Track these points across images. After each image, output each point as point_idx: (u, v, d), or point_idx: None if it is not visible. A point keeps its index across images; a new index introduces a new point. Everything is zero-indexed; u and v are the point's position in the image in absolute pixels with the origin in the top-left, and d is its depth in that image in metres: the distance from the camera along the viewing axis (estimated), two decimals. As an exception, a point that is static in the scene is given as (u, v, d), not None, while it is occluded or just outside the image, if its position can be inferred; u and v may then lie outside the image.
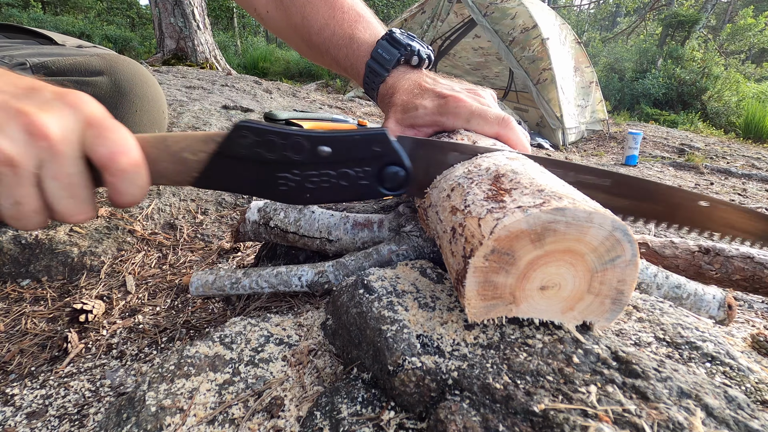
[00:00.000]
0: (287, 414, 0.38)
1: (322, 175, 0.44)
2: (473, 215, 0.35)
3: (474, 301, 0.34)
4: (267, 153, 0.42)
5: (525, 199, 0.33)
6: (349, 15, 0.65)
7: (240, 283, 0.58)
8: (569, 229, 0.31)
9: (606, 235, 0.32)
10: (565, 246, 0.32)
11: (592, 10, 20.35)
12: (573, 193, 0.34)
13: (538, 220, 0.31)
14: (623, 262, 0.33)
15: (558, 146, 3.64)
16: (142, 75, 0.88)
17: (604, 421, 0.27)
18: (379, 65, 0.60)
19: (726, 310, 0.54)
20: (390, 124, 0.58)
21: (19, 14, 9.65)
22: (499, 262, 0.32)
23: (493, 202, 0.35)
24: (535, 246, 0.32)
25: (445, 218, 0.40)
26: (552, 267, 0.33)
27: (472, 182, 0.40)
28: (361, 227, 0.61)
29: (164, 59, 4.33)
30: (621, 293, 0.34)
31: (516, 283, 0.33)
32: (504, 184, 0.37)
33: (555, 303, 0.35)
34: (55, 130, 0.33)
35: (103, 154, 0.35)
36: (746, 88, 8.02)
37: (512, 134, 0.55)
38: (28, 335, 0.67)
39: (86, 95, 0.37)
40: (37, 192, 0.34)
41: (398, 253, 0.54)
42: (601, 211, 0.31)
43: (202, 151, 0.41)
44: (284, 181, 0.43)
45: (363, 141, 0.44)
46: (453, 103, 0.55)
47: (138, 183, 0.38)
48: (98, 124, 0.36)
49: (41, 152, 0.33)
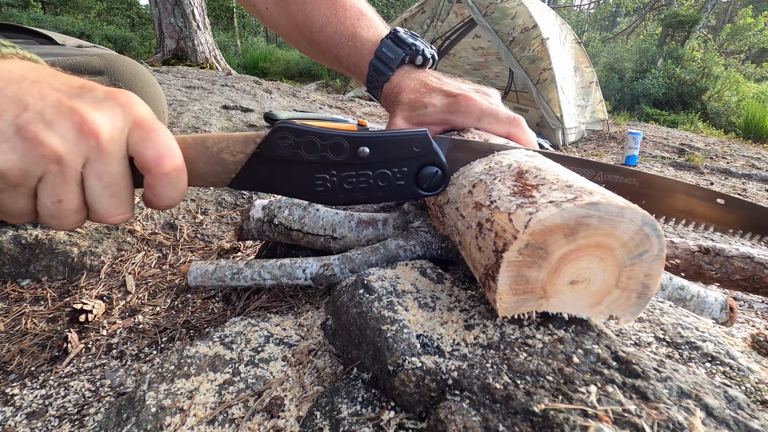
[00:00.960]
0: (287, 414, 0.38)
1: (360, 176, 0.44)
2: (501, 210, 0.35)
3: (505, 296, 0.34)
4: (306, 154, 0.42)
5: (555, 194, 0.33)
6: (351, 13, 0.65)
7: (242, 273, 0.57)
8: (601, 224, 0.32)
9: (636, 230, 0.32)
10: (596, 240, 0.32)
11: (592, 10, 20.35)
12: (601, 189, 0.35)
13: (572, 214, 0.31)
14: (651, 257, 0.33)
15: (558, 146, 3.64)
16: (142, 75, 0.88)
17: (604, 421, 0.27)
18: (384, 64, 0.60)
19: (728, 313, 0.54)
20: (398, 121, 0.57)
21: (19, 14, 9.65)
22: (532, 257, 0.32)
23: (521, 197, 0.35)
24: (568, 240, 0.32)
25: (468, 214, 0.40)
26: (583, 261, 0.33)
27: (495, 178, 0.40)
28: (366, 225, 0.61)
29: (164, 59, 4.33)
30: (647, 287, 0.34)
31: (548, 277, 0.33)
32: (529, 180, 0.37)
33: (584, 297, 0.35)
34: (105, 129, 0.33)
35: (148, 157, 0.35)
36: (746, 88, 8.02)
37: (523, 134, 0.55)
38: (28, 335, 0.67)
39: (136, 96, 0.37)
40: (80, 191, 0.35)
41: (406, 248, 0.54)
42: (632, 206, 0.32)
43: (241, 152, 0.41)
44: (322, 181, 0.43)
45: (403, 141, 0.43)
46: (464, 102, 0.55)
47: (178, 187, 0.38)
48: (146, 126, 0.36)
49: (89, 151, 0.33)
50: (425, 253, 0.54)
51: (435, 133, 0.58)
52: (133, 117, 0.35)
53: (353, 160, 0.43)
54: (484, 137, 0.52)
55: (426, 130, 0.44)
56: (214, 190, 1.19)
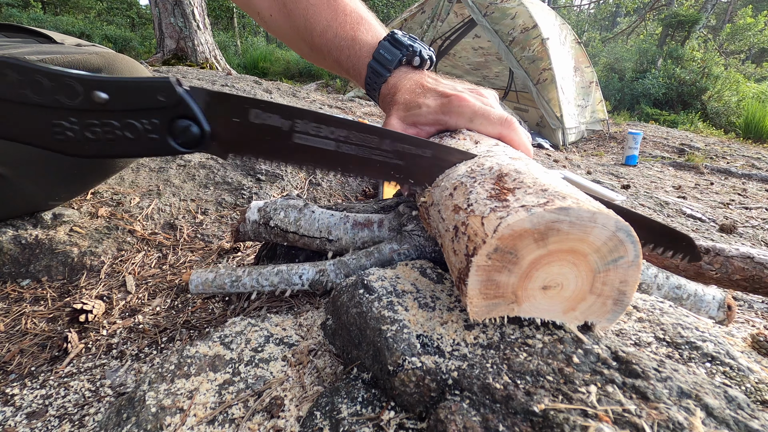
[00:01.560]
0: (287, 414, 0.38)
1: (105, 125, 0.40)
2: (476, 214, 0.35)
3: (476, 300, 0.34)
4: (35, 95, 0.38)
5: (529, 198, 0.33)
6: (351, 17, 0.65)
7: (241, 281, 0.58)
8: (573, 229, 0.31)
9: (609, 236, 0.32)
10: (568, 246, 0.32)
11: (592, 10, 20.34)
12: (577, 194, 0.34)
13: (541, 219, 0.31)
14: (626, 263, 0.33)
15: (558, 146, 3.64)
16: (140, 73, 0.88)
17: (604, 421, 0.27)
18: (381, 65, 0.61)
19: (726, 311, 0.54)
20: (392, 121, 0.58)
21: (19, 14, 9.65)
22: (502, 261, 0.32)
23: (497, 201, 0.35)
24: (539, 245, 0.32)
25: (447, 217, 0.40)
26: (555, 267, 0.33)
27: (475, 181, 0.40)
28: (362, 227, 0.61)
29: (164, 59, 4.33)
30: (623, 294, 0.34)
31: (518, 282, 0.33)
32: (507, 184, 0.37)
33: (557, 303, 0.35)
34: None
35: None
36: (746, 88, 8.02)
37: (515, 135, 0.55)
38: (28, 335, 0.67)
39: None
40: None
41: (400, 252, 0.54)
42: (605, 211, 0.31)
43: None
44: (60, 129, 0.40)
45: (144, 88, 0.40)
46: (456, 102, 0.55)
47: None
48: None
49: None
50: (419, 256, 0.55)
51: (429, 133, 0.58)
52: None
53: (91, 107, 0.39)
54: (474, 138, 0.52)
55: (168, 77, 0.42)
56: (214, 190, 1.19)
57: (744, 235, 1.54)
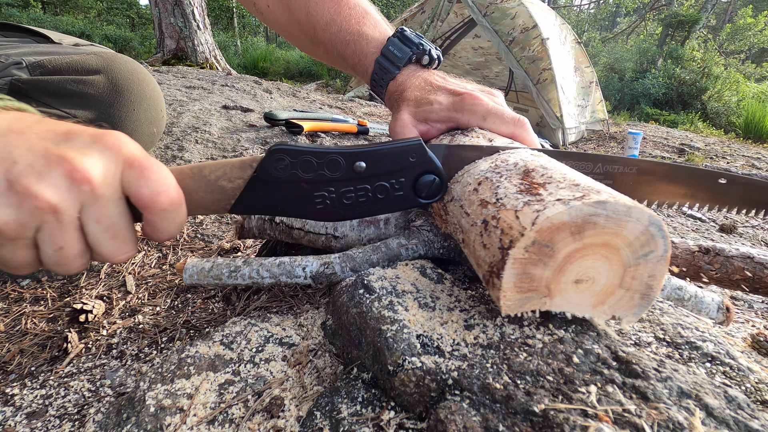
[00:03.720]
0: (287, 414, 0.38)
1: (359, 190, 0.44)
2: (508, 207, 0.35)
3: (510, 293, 0.34)
4: (303, 174, 0.42)
5: (563, 192, 0.33)
6: (355, 11, 0.65)
7: (239, 271, 0.55)
8: (608, 223, 0.32)
9: (642, 230, 0.32)
10: (602, 240, 0.32)
11: (592, 10, 20.35)
12: (609, 189, 0.35)
13: (580, 212, 0.31)
14: (655, 257, 0.33)
15: (558, 146, 3.64)
16: (140, 73, 0.88)
17: (604, 421, 0.27)
18: (390, 62, 0.60)
19: (724, 312, 0.54)
20: (403, 116, 0.57)
21: (19, 14, 9.65)
22: (538, 254, 0.32)
23: (528, 195, 0.35)
24: (575, 239, 0.32)
25: (473, 211, 0.40)
26: (588, 260, 0.33)
27: (501, 176, 0.40)
28: (368, 224, 0.61)
29: (164, 59, 4.33)
30: (650, 288, 0.34)
31: (553, 275, 0.33)
32: (536, 179, 0.37)
33: (588, 297, 0.35)
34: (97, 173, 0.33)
35: (144, 195, 0.35)
36: (746, 88, 8.02)
37: (527, 135, 0.55)
38: (28, 335, 0.67)
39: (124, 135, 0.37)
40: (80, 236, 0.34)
41: (408, 246, 0.54)
42: (640, 206, 0.32)
43: (239, 177, 0.41)
44: (321, 199, 0.43)
45: (398, 153, 0.43)
46: (469, 101, 0.55)
47: (177, 220, 0.38)
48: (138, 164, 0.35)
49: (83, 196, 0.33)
50: (427, 252, 0.54)
51: (440, 131, 0.58)
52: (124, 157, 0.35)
53: (350, 176, 0.43)
54: (488, 137, 0.52)
55: (420, 138, 0.44)
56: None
57: (744, 235, 1.54)
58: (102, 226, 0.34)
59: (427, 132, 0.58)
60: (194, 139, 1.55)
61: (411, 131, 0.57)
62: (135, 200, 0.36)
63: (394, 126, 0.58)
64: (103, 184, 0.33)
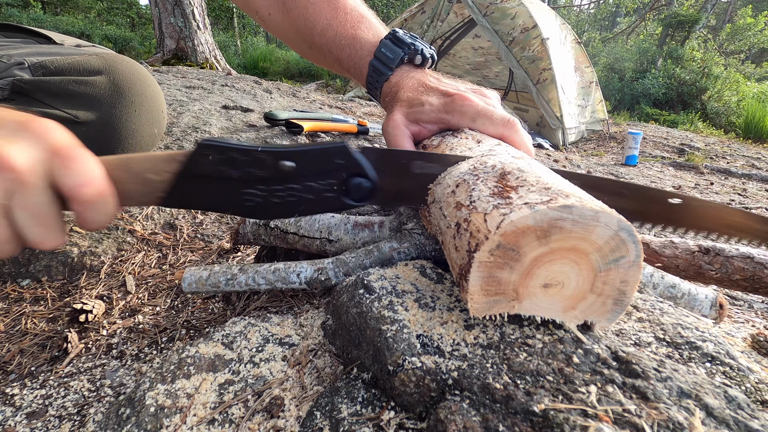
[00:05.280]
0: (287, 414, 0.38)
1: (288, 189, 0.44)
2: (479, 211, 0.35)
3: (477, 297, 0.34)
4: (231, 170, 0.42)
5: (532, 196, 0.33)
6: (351, 16, 0.65)
7: (236, 279, 0.56)
8: (575, 227, 0.31)
9: (611, 235, 0.32)
10: (570, 244, 0.32)
11: (592, 10, 20.34)
12: (579, 192, 0.34)
13: (545, 216, 0.31)
14: (627, 262, 0.33)
15: (558, 146, 3.64)
16: (141, 74, 0.88)
17: (604, 421, 0.27)
18: (383, 64, 0.61)
19: (717, 309, 0.54)
20: (395, 117, 0.57)
21: (19, 14, 9.65)
22: (504, 258, 0.32)
23: (500, 198, 0.35)
24: (541, 243, 0.32)
25: (449, 214, 0.40)
26: (556, 265, 0.33)
27: (478, 179, 0.40)
28: (362, 228, 0.61)
29: (164, 59, 4.33)
30: (623, 294, 0.34)
31: (520, 279, 0.33)
32: (510, 182, 0.37)
33: (557, 301, 0.35)
34: (22, 161, 0.33)
35: (68, 185, 0.35)
36: (746, 88, 8.02)
37: (516, 136, 0.55)
38: (28, 335, 0.67)
39: (52, 122, 0.36)
40: (7, 222, 0.34)
41: (399, 250, 0.54)
42: (608, 210, 0.31)
43: (165, 171, 0.41)
44: (250, 197, 0.44)
45: (325, 154, 0.44)
46: (459, 102, 0.55)
47: (104, 211, 0.38)
48: (64, 154, 0.35)
49: (9, 184, 0.33)
50: (419, 255, 0.54)
51: (431, 132, 0.58)
52: (50, 145, 0.35)
53: (278, 175, 0.43)
54: (477, 138, 0.52)
55: (344, 142, 0.45)
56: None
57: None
58: (28, 214, 0.35)
59: (419, 133, 0.58)
60: (194, 139, 1.55)
61: (402, 132, 0.57)
62: (60, 190, 0.36)
63: (386, 127, 0.58)
64: (28, 172, 0.33)
